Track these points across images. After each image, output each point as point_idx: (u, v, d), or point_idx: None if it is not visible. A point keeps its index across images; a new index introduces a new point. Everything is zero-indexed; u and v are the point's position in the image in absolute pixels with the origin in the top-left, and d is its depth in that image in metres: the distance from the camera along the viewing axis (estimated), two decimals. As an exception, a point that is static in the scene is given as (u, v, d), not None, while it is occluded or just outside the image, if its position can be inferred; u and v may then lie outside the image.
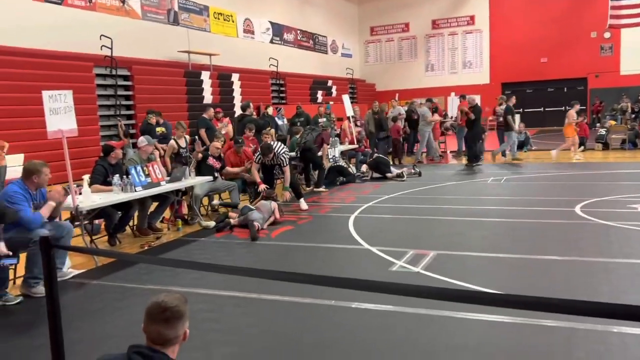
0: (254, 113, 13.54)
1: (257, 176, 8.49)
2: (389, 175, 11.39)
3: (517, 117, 14.12)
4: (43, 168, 5.00)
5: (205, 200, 8.60)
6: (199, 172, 8.10)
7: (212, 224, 7.53)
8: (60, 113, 5.42)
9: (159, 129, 12.32)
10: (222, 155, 8.56)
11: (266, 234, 7.01)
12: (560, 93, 26.66)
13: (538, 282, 4.73)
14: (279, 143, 8.89)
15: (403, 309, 4.10)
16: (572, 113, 13.60)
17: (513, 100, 14.38)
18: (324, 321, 4.06)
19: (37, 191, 5.08)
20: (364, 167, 11.99)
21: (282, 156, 8.55)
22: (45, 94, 5.32)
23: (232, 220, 7.44)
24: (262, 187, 8.26)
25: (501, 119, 14.30)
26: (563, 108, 26.99)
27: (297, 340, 3.76)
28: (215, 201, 8.56)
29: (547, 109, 26.89)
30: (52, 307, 2.84)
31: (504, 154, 14.48)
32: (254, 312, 4.34)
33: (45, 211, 4.97)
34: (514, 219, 7.29)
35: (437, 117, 15.10)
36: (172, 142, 8.71)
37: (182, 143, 8.65)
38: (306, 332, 3.88)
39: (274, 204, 7.69)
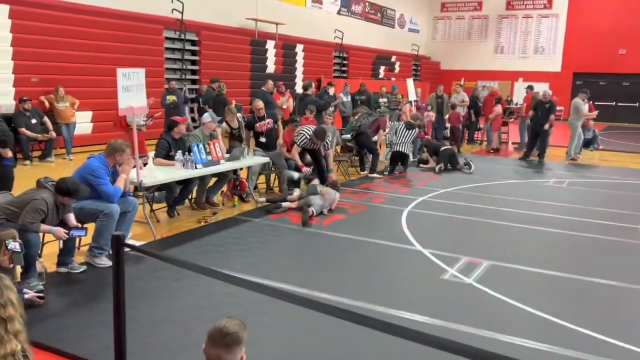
0: (314, 90, 13.44)
1: (297, 158, 8.39)
2: (458, 166, 11.16)
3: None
4: (127, 148, 5.20)
5: (262, 178, 8.71)
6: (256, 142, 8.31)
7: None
8: (132, 90, 5.57)
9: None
10: (264, 115, 8.35)
11: (318, 221, 7.05)
12: (636, 88, 25.31)
13: (594, 312, 4.59)
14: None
15: (454, 326, 4.08)
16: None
17: None
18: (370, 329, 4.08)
19: (113, 168, 5.29)
20: (429, 157, 11.61)
21: (327, 139, 8.61)
22: (120, 71, 5.45)
23: (288, 203, 7.52)
24: (305, 169, 8.29)
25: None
26: (637, 104, 25.71)
27: (344, 346, 3.79)
28: (297, 174, 8.40)
29: (619, 104, 25.61)
30: (118, 301, 2.97)
31: (579, 152, 13.77)
32: (303, 309, 4.39)
33: (121, 184, 5.19)
34: (574, 231, 7.05)
35: (499, 108, 14.51)
36: (224, 125, 8.67)
37: (235, 124, 8.62)
38: (353, 339, 3.91)
39: (337, 195, 7.69)
